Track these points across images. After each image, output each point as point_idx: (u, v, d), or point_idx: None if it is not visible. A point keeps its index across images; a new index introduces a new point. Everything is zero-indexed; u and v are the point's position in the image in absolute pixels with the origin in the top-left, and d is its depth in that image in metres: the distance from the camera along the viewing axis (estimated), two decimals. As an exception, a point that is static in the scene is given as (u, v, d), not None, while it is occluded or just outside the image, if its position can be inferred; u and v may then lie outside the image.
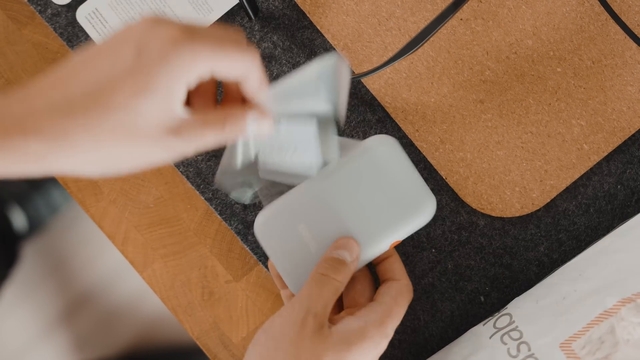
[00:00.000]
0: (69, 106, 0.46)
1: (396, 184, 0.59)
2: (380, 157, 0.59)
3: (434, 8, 0.64)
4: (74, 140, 0.46)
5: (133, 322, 1.40)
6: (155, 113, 0.47)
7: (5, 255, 1.32)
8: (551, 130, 0.63)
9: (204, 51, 0.47)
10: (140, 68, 0.46)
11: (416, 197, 0.59)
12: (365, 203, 0.59)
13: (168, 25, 0.47)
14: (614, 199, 0.64)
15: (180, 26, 0.47)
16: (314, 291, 0.55)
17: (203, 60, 0.47)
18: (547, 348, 0.57)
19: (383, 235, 0.59)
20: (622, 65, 0.63)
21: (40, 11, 0.65)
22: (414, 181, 0.59)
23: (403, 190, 0.59)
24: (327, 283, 0.56)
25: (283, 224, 0.60)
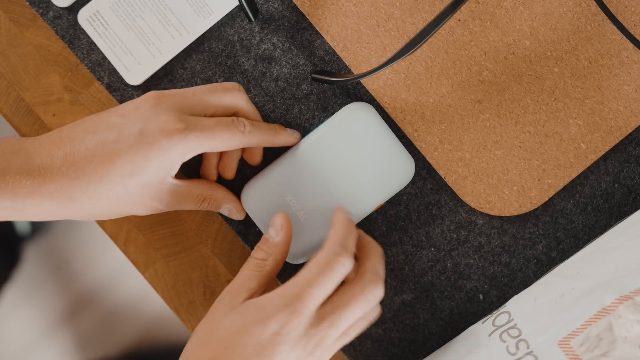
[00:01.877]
0: (76, 173, 0.56)
1: (375, 148, 0.62)
2: (358, 124, 0.62)
3: (432, 9, 0.64)
4: (79, 204, 0.57)
5: (135, 322, 1.39)
6: (144, 187, 0.57)
7: (8, 256, 1.32)
8: (549, 130, 0.63)
9: (196, 144, 0.57)
10: (138, 152, 0.56)
11: (394, 160, 0.62)
12: (347, 169, 0.62)
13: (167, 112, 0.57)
14: (611, 197, 0.64)
15: (178, 116, 0.57)
16: (240, 271, 0.58)
17: (195, 149, 0.57)
18: (545, 345, 0.57)
19: (366, 199, 0.62)
20: (619, 65, 0.63)
21: (42, 14, 0.65)
22: (391, 144, 0.62)
23: (381, 153, 0.62)
24: (249, 262, 0.58)
25: (270, 196, 0.63)
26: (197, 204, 0.61)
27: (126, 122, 0.57)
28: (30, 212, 0.57)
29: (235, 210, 0.63)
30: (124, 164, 0.56)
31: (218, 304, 0.57)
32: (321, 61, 0.65)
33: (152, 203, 0.58)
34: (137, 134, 0.56)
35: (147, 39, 0.65)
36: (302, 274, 0.55)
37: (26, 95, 0.66)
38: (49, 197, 0.56)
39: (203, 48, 0.65)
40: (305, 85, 0.65)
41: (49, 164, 0.56)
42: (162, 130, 0.56)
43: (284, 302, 0.54)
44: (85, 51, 0.65)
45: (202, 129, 0.57)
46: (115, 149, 0.56)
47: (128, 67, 0.65)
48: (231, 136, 0.58)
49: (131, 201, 0.57)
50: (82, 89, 0.66)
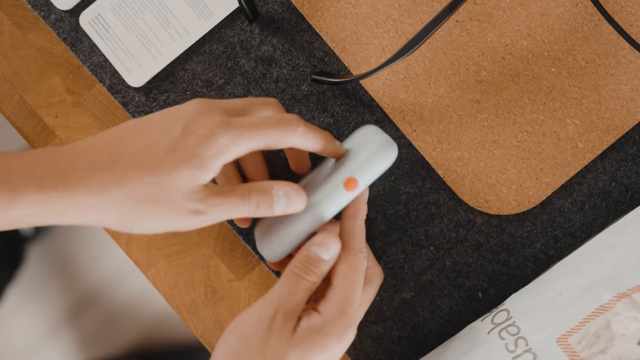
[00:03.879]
0: (111, 162, 0.52)
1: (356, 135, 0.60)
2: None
3: (430, 10, 0.64)
4: (111, 193, 0.51)
5: (138, 321, 1.40)
6: (186, 182, 0.51)
7: (11, 256, 1.32)
8: (546, 129, 0.64)
9: (245, 137, 0.52)
10: (182, 144, 0.51)
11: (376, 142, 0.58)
12: None
13: (214, 113, 0.53)
14: (608, 196, 0.64)
15: (223, 116, 0.52)
16: (284, 289, 0.54)
17: (240, 145, 0.52)
18: (544, 343, 0.57)
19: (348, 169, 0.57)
20: (616, 65, 0.63)
21: (44, 17, 0.65)
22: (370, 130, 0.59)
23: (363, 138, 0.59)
24: (299, 283, 0.55)
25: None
26: (244, 197, 0.53)
27: (169, 121, 0.53)
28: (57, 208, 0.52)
29: (292, 191, 0.55)
30: (166, 154, 0.51)
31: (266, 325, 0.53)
32: (320, 62, 0.65)
33: (193, 204, 0.52)
34: (182, 128, 0.52)
35: (148, 41, 0.65)
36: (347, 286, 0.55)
37: (29, 97, 0.66)
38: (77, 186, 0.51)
39: (204, 50, 0.65)
40: (305, 86, 0.65)
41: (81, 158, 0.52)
42: (207, 124, 0.52)
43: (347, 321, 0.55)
44: (87, 53, 0.65)
45: (249, 125, 0.53)
46: (158, 142, 0.52)
47: (129, 69, 0.65)
48: (281, 134, 0.53)
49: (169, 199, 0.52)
50: (84, 91, 0.66)
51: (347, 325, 0.55)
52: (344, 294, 0.55)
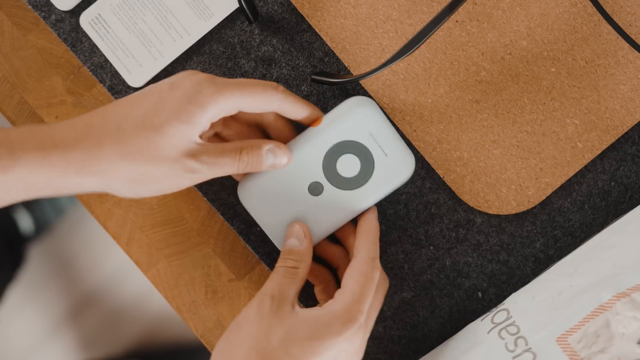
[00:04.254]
0: (105, 123, 0.54)
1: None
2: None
3: (430, 10, 0.64)
4: (107, 151, 0.53)
5: (138, 321, 1.40)
6: (179, 137, 0.53)
7: (12, 256, 1.32)
8: (546, 129, 0.64)
9: (227, 90, 0.55)
10: (171, 98, 0.54)
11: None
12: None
13: (199, 73, 0.55)
14: (608, 195, 0.64)
15: (210, 76, 0.55)
16: (271, 279, 0.58)
17: (226, 99, 0.55)
18: (544, 342, 0.57)
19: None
20: (615, 65, 0.63)
21: (44, 17, 0.65)
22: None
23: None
24: (281, 270, 0.58)
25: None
26: (235, 157, 0.56)
27: (159, 84, 0.56)
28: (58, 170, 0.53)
29: (278, 149, 0.59)
30: (154, 109, 0.54)
31: (259, 310, 0.56)
32: (320, 62, 0.65)
33: (189, 161, 0.54)
34: (168, 86, 0.55)
35: (148, 41, 0.65)
36: (358, 289, 0.56)
37: (29, 97, 0.66)
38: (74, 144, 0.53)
39: (204, 50, 0.65)
40: (305, 86, 0.65)
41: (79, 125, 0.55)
42: (194, 80, 0.55)
43: (351, 320, 0.55)
44: (88, 54, 0.65)
45: (233, 81, 0.56)
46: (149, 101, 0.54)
47: (130, 70, 0.65)
48: (263, 91, 0.56)
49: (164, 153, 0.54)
50: (84, 92, 0.66)
51: (349, 322, 0.55)
52: (351, 294, 0.56)
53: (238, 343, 0.55)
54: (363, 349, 0.58)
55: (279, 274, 0.58)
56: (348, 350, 0.56)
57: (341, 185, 0.61)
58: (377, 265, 0.58)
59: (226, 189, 0.65)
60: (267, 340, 0.54)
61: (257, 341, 0.54)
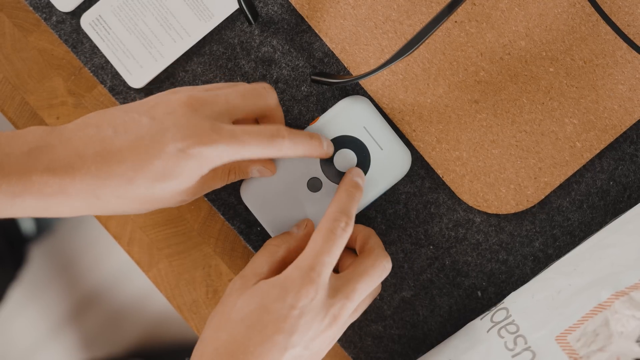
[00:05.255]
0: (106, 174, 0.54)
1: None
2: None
3: (429, 11, 0.64)
4: (105, 202, 0.55)
5: (139, 321, 1.40)
6: (174, 190, 0.55)
7: (14, 256, 1.32)
8: (545, 129, 0.64)
9: (227, 152, 0.55)
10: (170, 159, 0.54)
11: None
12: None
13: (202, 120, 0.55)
14: (606, 195, 0.64)
15: (211, 124, 0.54)
16: (251, 260, 0.59)
17: (227, 158, 0.55)
18: (543, 341, 0.57)
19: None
20: (613, 65, 0.63)
21: (45, 18, 0.65)
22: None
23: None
24: (262, 249, 0.59)
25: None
26: (224, 179, 0.59)
27: (159, 128, 0.55)
28: (55, 210, 0.55)
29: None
30: (156, 169, 0.54)
31: (230, 289, 0.57)
32: (320, 63, 0.65)
33: (180, 197, 0.57)
34: (170, 141, 0.54)
35: (149, 42, 0.65)
36: (310, 247, 0.56)
37: (30, 98, 0.66)
38: (75, 196, 0.54)
39: (204, 51, 0.65)
40: (304, 86, 0.65)
41: (77, 164, 0.54)
42: (196, 139, 0.54)
43: (300, 275, 0.54)
44: (88, 55, 0.65)
45: (237, 142, 0.55)
46: (147, 154, 0.54)
47: (130, 71, 0.65)
48: (266, 151, 0.56)
49: (158, 200, 0.56)
50: (85, 92, 0.66)
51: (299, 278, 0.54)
52: (304, 252, 0.56)
53: (209, 325, 0.56)
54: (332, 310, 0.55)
55: (258, 253, 0.59)
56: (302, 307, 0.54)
57: (339, 180, 0.62)
58: (338, 219, 0.57)
59: (226, 189, 0.65)
60: (227, 314, 0.55)
61: (220, 317, 0.56)
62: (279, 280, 0.55)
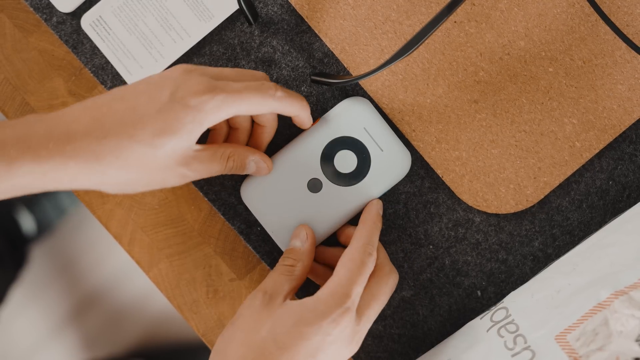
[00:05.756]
0: (104, 133, 0.53)
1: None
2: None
3: (429, 11, 0.64)
4: (105, 164, 0.53)
5: (140, 321, 1.40)
6: (175, 149, 0.55)
7: (14, 257, 1.32)
8: (544, 129, 0.64)
9: (225, 105, 0.55)
10: (170, 112, 0.54)
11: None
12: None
13: (198, 77, 0.54)
14: (605, 194, 0.64)
15: (207, 80, 0.55)
16: (268, 277, 0.59)
17: (224, 112, 0.55)
18: (542, 340, 0.57)
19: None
20: (612, 65, 0.63)
21: (45, 19, 0.65)
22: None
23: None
24: (277, 269, 0.59)
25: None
26: (222, 164, 0.59)
27: (155, 87, 0.55)
28: (53, 177, 0.53)
29: (261, 161, 0.61)
30: (155, 124, 0.54)
31: (251, 305, 0.57)
32: (320, 63, 0.65)
33: (181, 169, 0.56)
34: (168, 96, 0.54)
35: (149, 43, 0.65)
36: (343, 274, 0.57)
37: (31, 99, 0.66)
38: (73, 157, 0.53)
39: (204, 51, 0.65)
40: (304, 87, 0.65)
41: (74, 127, 0.53)
42: (193, 92, 0.54)
43: (337, 302, 0.55)
44: (89, 55, 0.66)
45: (232, 91, 0.56)
46: (147, 110, 0.54)
47: (131, 71, 0.65)
48: (261, 99, 0.57)
49: (160, 165, 0.55)
50: (85, 93, 0.66)
51: (335, 305, 0.55)
52: (338, 279, 0.57)
53: (231, 339, 0.56)
54: (357, 336, 0.58)
55: (275, 271, 0.59)
56: (336, 334, 0.55)
57: (340, 181, 0.62)
58: (369, 252, 0.58)
59: (227, 189, 0.65)
60: (256, 332, 0.55)
61: (247, 334, 0.55)
62: (313, 305, 0.55)
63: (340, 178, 0.62)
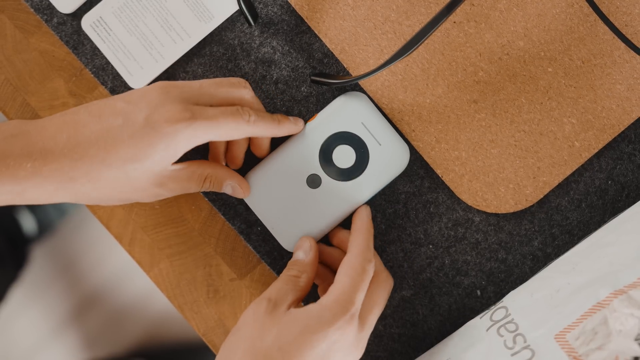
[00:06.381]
0: (78, 154, 0.55)
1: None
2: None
3: (428, 12, 0.64)
4: (79, 184, 0.55)
5: (141, 320, 1.40)
6: (147, 174, 0.56)
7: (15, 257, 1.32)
8: (543, 129, 0.64)
9: (201, 132, 0.56)
10: (143, 138, 0.55)
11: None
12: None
13: (175, 102, 0.55)
14: (604, 194, 0.64)
15: (184, 106, 0.55)
16: (272, 285, 0.58)
17: (199, 137, 0.56)
18: (542, 339, 0.57)
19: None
20: (611, 65, 0.63)
21: (46, 20, 0.65)
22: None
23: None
24: (282, 278, 0.59)
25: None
26: (199, 184, 0.60)
27: (132, 109, 0.55)
28: (31, 195, 0.55)
29: (238, 186, 0.62)
30: (127, 149, 0.55)
31: (255, 312, 0.56)
32: (320, 64, 0.65)
33: (155, 189, 0.57)
34: (143, 120, 0.55)
35: (149, 43, 0.65)
36: (345, 282, 0.57)
37: (32, 100, 0.66)
38: (49, 178, 0.54)
39: (204, 52, 0.65)
40: (304, 87, 0.65)
41: (51, 146, 0.54)
42: (168, 118, 0.55)
43: (341, 310, 0.56)
44: (89, 56, 0.66)
45: (207, 117, 0.56)
46: (120, 134, 0.55)
47: (131, 72, 0.65)
48: (235, 125, 0.57)
49: (133, 187, 0.56)
50: (86, 94, 0.66)
51: (340, 312, 0.55)
52: (341, 286, 0.57)
53: (235, 346, 0.55)
54: (361, 343, 0.58)
55: (280, 280, 0.59)
56: (341, 341, 0.56)
57: (338, 176, 0.62)
58: (368, 259, 0.58)
59: (227, 189, 0.65)
60: (260, 340, 0.55)
61: (252, 342, 0.55)
62: (318, 312, 0.56)
63: (339, 173, 0.63)
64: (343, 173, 0.63)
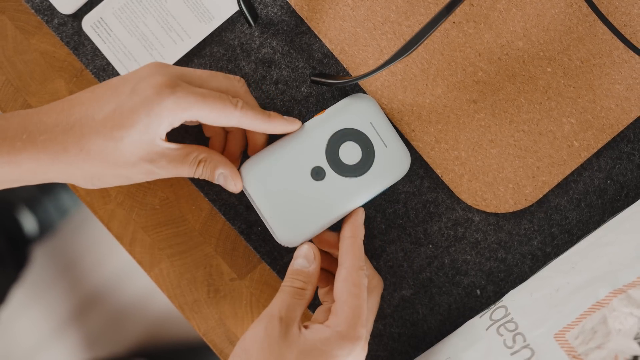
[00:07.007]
0: (70, 124, 0.55)
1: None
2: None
3: (428, 12, 0.64)
4: (72, 155, 0.55)
5: (141, 320, 1.40)
6: (135, 144, 0.55)
7: (16, 257, 1.32)
8: (542, 129, 0.64)
9: (184, 103, 0.55)
10: (126, 104, 0.55)
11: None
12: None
13: (163, 74, 0.55)
14: (604, 193, 0.64)
15: (171, 77, 0.55)
16: (278, 299, 0.57)
17: (183, 111, 0.55)
18: (541, 339, 0.57)
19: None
20: (610, 65, 0.63)
21: (47, 21, 0.66)
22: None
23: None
24: (289, 290, 0.57)
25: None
26: (192, 167, 0.58)
27: (123, 82, 0.56)
28: (28, 168, 0.55)
29: (230, 176, 0.60)
30: (113, 116, 0.55)
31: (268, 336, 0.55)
32: (320, 64, 0.65)
33: (146, 165, 0.56)
34: (130, 90, 0.55)
35: (149, 44, 0.65)
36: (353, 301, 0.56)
37: (32, 100, 0.66)
38: (44, 148, 0.55)
39: (204, 53, 0.66)
40: (304, 87, 0.65)
41: (45, 119, 0.56)
42: (153, 85, 0.55)
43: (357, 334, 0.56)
44: (90, 57, 0.66)
45: (193, 91, 0.56)
46: (108, 103, 0.55)
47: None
48: (222, 106, 0.56)
49: (124, 159, 0.56)
50: (87, 94, 0.67)
51: (357, 339, 0.55)
52: (350, 309, 0.56)
53: None
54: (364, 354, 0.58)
55: (286, 293, 0.57)
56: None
57: (343, 172, 0.62)
58: (363, 269, 0.58)
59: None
60: None
61: None
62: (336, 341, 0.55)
63: (344, 169, 0.62)
64: (348, 169, 0.62)
